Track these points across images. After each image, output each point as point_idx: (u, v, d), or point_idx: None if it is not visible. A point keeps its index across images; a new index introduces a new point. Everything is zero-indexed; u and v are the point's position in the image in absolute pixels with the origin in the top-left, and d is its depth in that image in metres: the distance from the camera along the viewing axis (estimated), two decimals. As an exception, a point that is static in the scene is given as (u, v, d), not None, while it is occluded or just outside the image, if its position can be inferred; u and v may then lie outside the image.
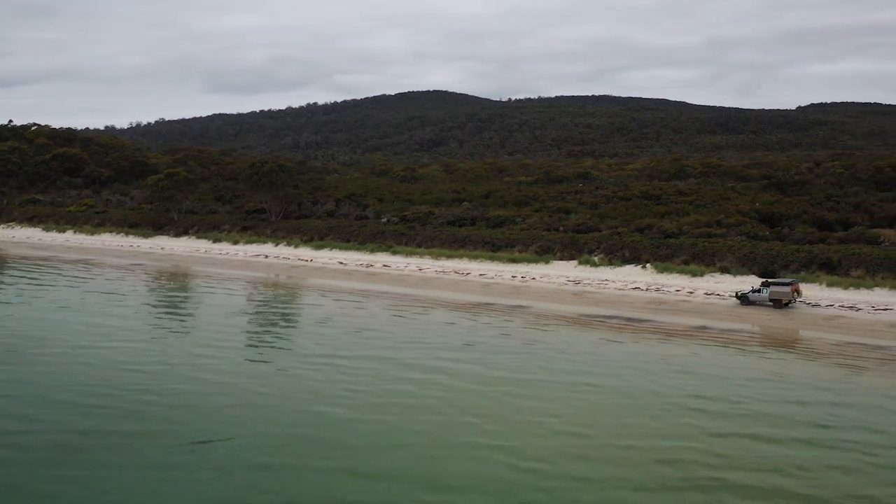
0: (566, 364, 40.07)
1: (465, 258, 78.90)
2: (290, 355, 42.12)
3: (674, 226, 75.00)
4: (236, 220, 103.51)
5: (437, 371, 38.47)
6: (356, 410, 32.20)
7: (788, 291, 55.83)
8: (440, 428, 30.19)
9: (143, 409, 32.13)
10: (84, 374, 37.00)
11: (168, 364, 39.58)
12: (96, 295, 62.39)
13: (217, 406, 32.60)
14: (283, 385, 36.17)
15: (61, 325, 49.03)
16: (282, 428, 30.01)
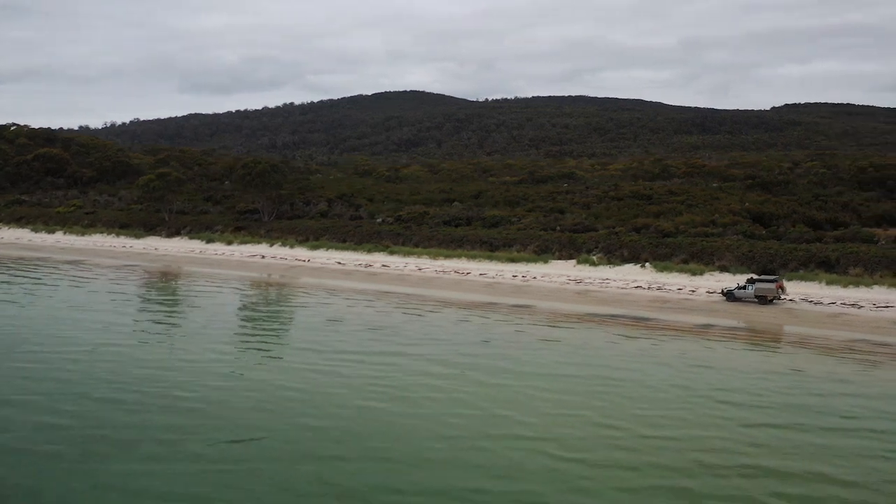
0: (588, 359, 40.94)
1: (464, 258, 79.68)
2: (313, 352, 42.53)
3: (670, 225, 76.17)
4: (229, 220, 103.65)
5: (462, 366, 39.24)
6: (391, 405, 32.86)
7: (773, 288, 57.63)
8: (478, 420, 30.91)
9: (179, 405, 32.53)
10: (114, 373, 37.33)
11: (195, 361, 40.06)
12: (103, 294, 62.58)
13: (253, 402, 33.11)
14: (314, 381, 36.68)
15: (79, 325, 49.25)
16: (321, 422, 30.57)
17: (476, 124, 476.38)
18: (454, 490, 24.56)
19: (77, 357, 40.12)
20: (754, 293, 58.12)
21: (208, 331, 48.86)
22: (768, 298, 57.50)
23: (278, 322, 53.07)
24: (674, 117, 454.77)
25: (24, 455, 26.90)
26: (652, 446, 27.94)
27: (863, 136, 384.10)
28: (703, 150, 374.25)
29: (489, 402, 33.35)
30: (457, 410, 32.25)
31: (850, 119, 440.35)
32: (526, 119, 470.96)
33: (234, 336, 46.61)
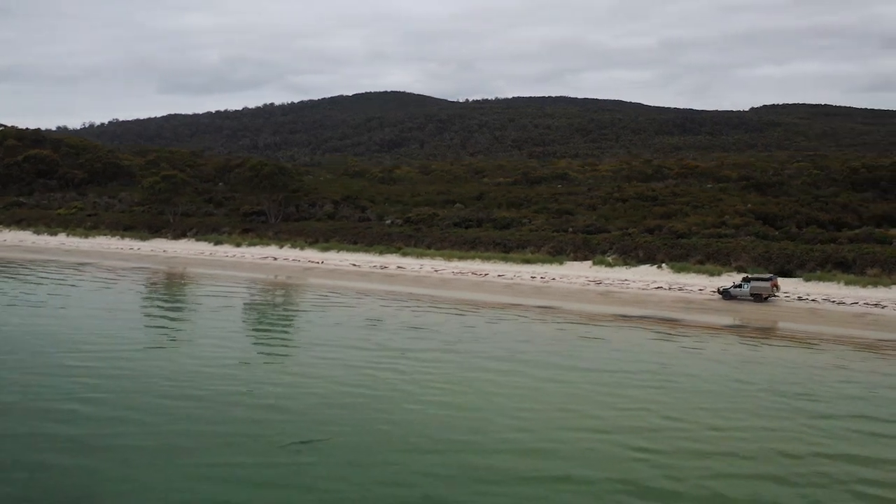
0: (636, 357, 41.99)
1: (478, 259, 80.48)
2: (365, 350, 43.23)
3: (683, 227, 77.35)
4: (235, 222, 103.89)
5: (515, 363, 40.29)
6: (460, 399, 33.88)
7: (768, 286, 60.33)
8: (549, 414, 31.92)
9: (236, 409, 32.96)
10: (167, 377, 37.50)
11: (245, 363, 40.64)
12: (132, 295, 63.27)
13: (323, 401, 33.73)
14: (376, 378, 37.38)
15: (120, 328, 49.57)
16: (395, 416, 31.37)
17: (458, 125, 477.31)
18: (543, 477, 25.47)
19: (132, 362, 40.46)
20: (750, 291, 60.70)
21: (253, 331, 49.54)
22: (763, 296, 60.07)
23: (321, 322, 53.42)
24: (655, 118, 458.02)
25: (111, 450, 27.46)
26: (727, 437, 29.06)
27: (841, 136, 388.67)
28: (685, 151, 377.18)
29: (554, 396, 34.35)
30: (525, 405, 33.20)
31: (828, 120, 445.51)
32: (508, 120, 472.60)
33: (282, 336, 47.39)
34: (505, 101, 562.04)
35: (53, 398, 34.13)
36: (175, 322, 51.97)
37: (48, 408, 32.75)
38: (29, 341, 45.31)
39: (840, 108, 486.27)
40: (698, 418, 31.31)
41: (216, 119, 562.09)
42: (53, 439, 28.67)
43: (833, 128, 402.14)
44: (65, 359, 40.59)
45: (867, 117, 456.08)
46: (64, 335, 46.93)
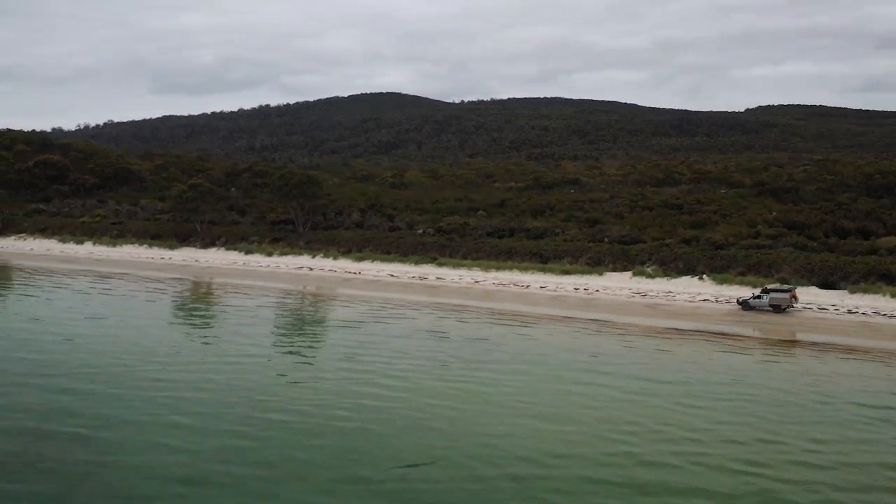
0: (711, 371, 43.33)
1: (515, 270, 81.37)
2: (442, 366, 44.34)
3: (720, 237, 78.31)
4: (263, 231, 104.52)
5: (594, 375, 42.10)
6: (548, 416, 35.04)
7: (787, 297, 62.39)
8: (651, 428, 33.27)
9: (343, 426, 33.78)
10: (248, 396, 38.29)
11: (328, 378, 41.60)
12: (188, 309, 63.68)
13: (417, 422, 34.38)
14: (465, 397, 38.38)
15: (192, 341, 50.67)
16: (496, 440, 32.05)
17: (455, 126, 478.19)
18: (664, 490, 26.69)
19: (211, 378, 41.30)
20: (769, 302, 62.71)
21: (325, 344, 50.43)
22: (782, 307, 61.95)
23: (388, 334, 54.26)
24: (651, 119, 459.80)
25: (207, 482, 27.97)
26: (830, 450, 30.32)
27: (838, 137, 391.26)
28: (682, 152, 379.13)
29: (647, 409, 35.84)
30: (624, 417, 34.60)
31: (823, 121, 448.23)
32: (505, 121, 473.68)
33: (355, 349, 48.17)
34: (500, 103, 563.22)
35: (158, 413, 35.25)
36: (242, 336, 52.73)
37: (160, 423, 33.84)
38: (109, 353, 46.49)
39: (835, 109, 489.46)
40: (795, 432, 32.54)
41: (212, 120, 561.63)
42: (175, 468, 29.40)
43: (829, 129, 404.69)
44: (153, 372, 41.58)
45: (862, 118, 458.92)
46: (140, 347, 48.08)
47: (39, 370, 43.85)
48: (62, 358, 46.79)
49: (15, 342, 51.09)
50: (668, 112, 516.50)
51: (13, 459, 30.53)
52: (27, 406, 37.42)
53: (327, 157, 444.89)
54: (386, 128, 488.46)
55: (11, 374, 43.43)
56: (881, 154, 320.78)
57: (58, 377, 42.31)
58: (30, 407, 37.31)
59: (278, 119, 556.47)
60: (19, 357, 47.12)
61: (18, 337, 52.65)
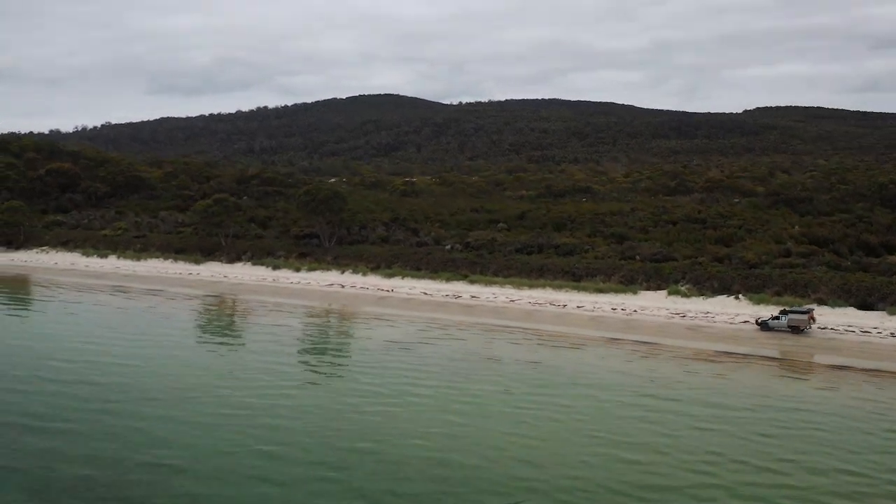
0: (777, 401, 44.61)
1: (548, 288, 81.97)
2: (502, 392, 45.94)
3: (753, 256, 79.08)
4: (288, 245, 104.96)
5: (661, 402, 43.94)
6: (627, 450, 36.40)
7: (805, 319, 63.70)
8: (725, 465, 34.51)
9: (411, 460, 34.96)
10: (325, 424, 39.67)
11: (393, 405, 43.03)
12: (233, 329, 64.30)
13: (490, 456, 35.55)
14: (538, 425, 39.78)
15: (250, 365, 51.80)
16: (575, 480, 33.06)
17: (454, 129, 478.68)
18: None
19: (290, 393, 42.17)
20: (787, 323, 64.06)
21: (385, 371, 51.29)
22: (800, 328, 63.30)
23: (440, 355, 55.43)
24: (650, 121, 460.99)
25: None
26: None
27: (837, 139, 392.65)
28: (683, 155, 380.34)
29: (722, 446, 36.95)
30: (703, 457, 35.67)
31: (821, 123, 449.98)
32: (504, 123, 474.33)
33: (417, 376, 49.47)
34: (498, 104, 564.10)
35: (241, 441, 36.79)
36: (296, 357, 54.18)
37: (247, 452, 34.99)
38: (176, 376, 47.83)
39: (833, 111, 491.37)
40: (872, 462, 34.67)
41: (210, 122, 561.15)
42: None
43: (828, 131, 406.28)
44: (227, 396, 42.50)
45: (860, 120, 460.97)
46: (204, 369, 49.66)
47: (111, 395, 45.00)
48: (129, 382, 48.17)
49: (80, 364, 52.26)
50: (666, 114, 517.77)
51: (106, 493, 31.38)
52: (108, 432, 38.44)
53: (327, 160, 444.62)
54: (385, 130, 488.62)
55: (82, 399, 44.44)
56: (881, 156, 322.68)
57: (131, 402, 43.70)
58: (112, 433, 38.36)
59: (276, 121, 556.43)
60: (89, 381, 48.15)
61: (81, 359, 53.87)
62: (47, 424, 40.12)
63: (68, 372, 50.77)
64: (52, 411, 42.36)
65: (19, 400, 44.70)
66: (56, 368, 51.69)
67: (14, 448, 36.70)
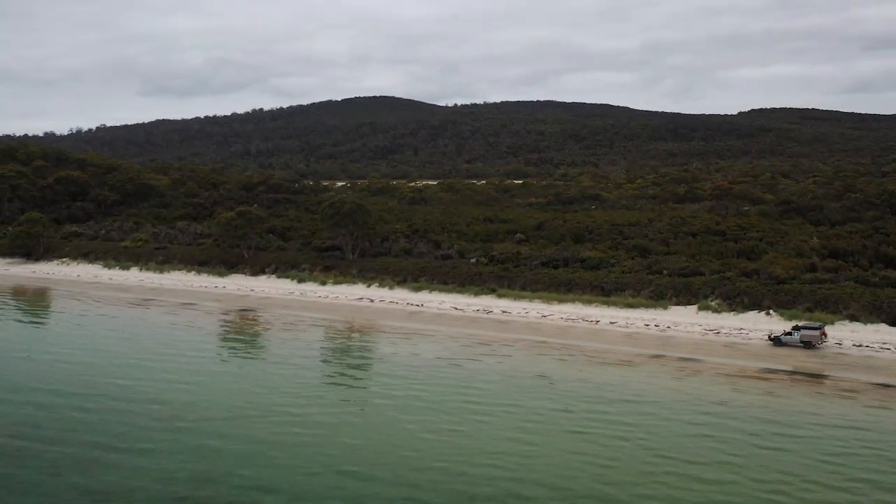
0: (831, 419, 46.74)
1: (578, 303, 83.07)
2: (561, 413, 47.77)
3: (781, 271, 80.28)
4: (311, 257, 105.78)
5: (720, 418, 45.99)
6: (700, 471, 37.31)
7: (818, 335, 65.87)
8: (796, 484, 36.37)
9: (490, 485, 36.31)
10: (392, 443, 41.16)
11: (460, 424, 44.93)
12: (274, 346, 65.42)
13: (569, 475, 37.51)
14: (604, 447, 41.27)
15: (307, 383, 53.23)
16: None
17: (451, 131, 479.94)
18: None
19: (354, 412, 43.30)
20: (800, 339, 66.29)
21: (442, 389, 53.31)
22: (813, 344, 65.33)
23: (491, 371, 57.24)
24: (646, 123, 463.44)
25: None
26: None
27: (833, 142, 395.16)
28: (680, 157, 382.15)
29: (789, 468, 38.81)
30: (776, 476, 37.64)
31: (817, 125, 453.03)
32: (501, 126, 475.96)
33: (475, 395, 51.57)
34: (494, 106, 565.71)
35: (317, 462, 38.69)
36: (347, 375, 56.00)
37: (329, 471, 36.46)
38: (240, 392, 49.33)
39: (827, 113, 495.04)
40: None
41: (205, 124, 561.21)
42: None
43: (823, 133, 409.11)
44: (298, 415, 43.88)
45: (855, 122, 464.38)
46: (265, 388, 51.58)
47: (183, 413, 46.68)
48: (197, 399, 50.05)
49: (144, 382, 53.86)
50: (662, 115, 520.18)
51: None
52: (191, 451, 40.02)
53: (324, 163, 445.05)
54: (381, 132, 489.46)
55: (157, 418, 45.82)
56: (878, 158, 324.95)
57: (205, 421, 45.42)
58: (194, 452, 39.99)
59: (272, 123, 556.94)
60: (158, 400, 49.61)
61: (143, 376, 55.60)
62: (131, 445, 41.62)
63: (134, 390, 52.42)
64: (131, 430, 44.13)
65: (96, 419, 46.18)
66: (122, 386, 53.38)
67: (105, 465, 37.97)
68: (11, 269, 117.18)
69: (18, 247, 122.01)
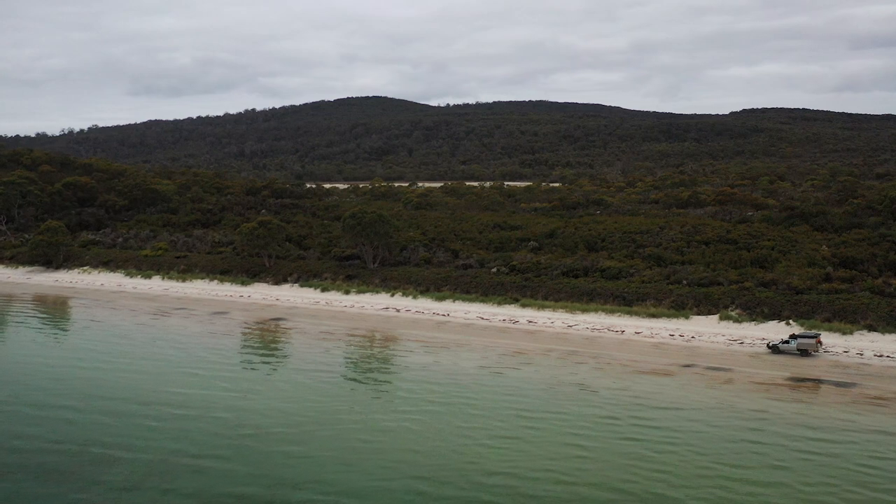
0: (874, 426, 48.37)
1: (601, 312, 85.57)
2: (612, 422, 50.65)
3: (798, 281, 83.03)
4: (332, 266, 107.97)
5: (768, 424, 47.26)
6: (752, 478, 40.22)
7: (813, 343, 70.07)
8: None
9: (553, 490, 38.94)
10: (449, 451, 42.89)
11: (517, 432, 46.44)
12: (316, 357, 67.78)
13: (632, 488, 39.41)
14: (660, 462, 43.44)
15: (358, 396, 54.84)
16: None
17: (444, 132, 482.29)
18: None
19: (408, 419, 45.63)
20: (796, 347, 70.35)
21: (491, 394, 55.86)
22: (809, 352, 69.55)
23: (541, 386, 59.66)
24: (639, 124, 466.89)
25: None
26: None
27: (824, 142, 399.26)
28: (673, 158, 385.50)
29: (847, 478, 41.06)
30: (847, 486, 39.98)
31: (807, 125, 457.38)
32: (494, 126, 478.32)
33: (524, 403, 54.93)
34: (486, 106, 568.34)
35: (401, 469, 41.26)
36: (396, 385, 58.37)
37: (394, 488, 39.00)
38: (305, 403, 51.41)
39: (818, 113, 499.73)
40: None
41: (198, 125, 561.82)
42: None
43: (815, 133, 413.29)
44: (368, 420, 46.00)
45: (846, 122, 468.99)
46: (317, 400, 53.76)
47: (252, 420, 49.11)
48: (260, 408, 52.41)
49: (205, 392, 56.17)
50: (653, 115, 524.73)
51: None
52: (264, 460, 42.51)
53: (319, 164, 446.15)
54: (375, 133, 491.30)
55: (220, 425, 48.30)
56: (869, 159, 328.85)
57: (269, 429, 48.45)
58: (267, 461, 42.48)
59: (265, 124, 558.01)
60: (225, 408, 52.05)
61: (201, 385, 57.87)
62: (207, 451, 44.82)
63: (195, 398, 55.39)
64: (204, 438, 47.19)
65: (168, 427, 48.74)
66: (184, 395, 56.43)
67: (189, 471, 40.39)
68: (33, 277, 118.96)
69: (38, 255, 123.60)
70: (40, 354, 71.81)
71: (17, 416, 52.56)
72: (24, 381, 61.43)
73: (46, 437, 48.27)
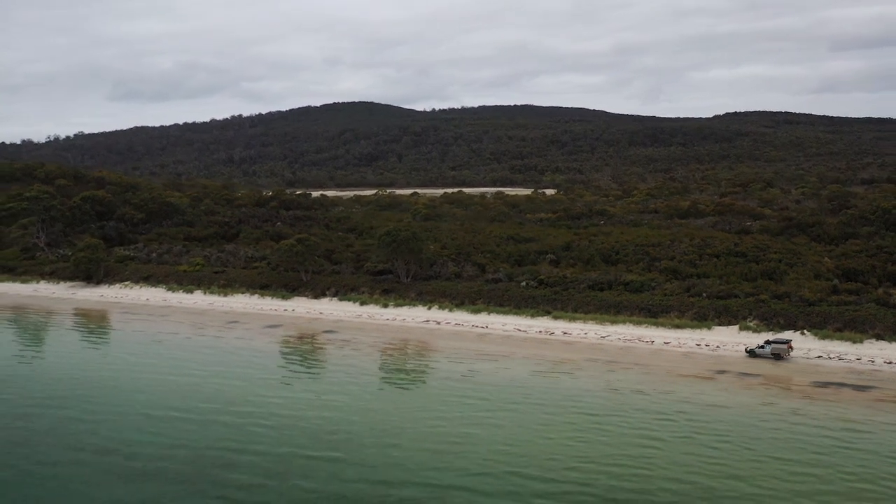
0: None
1: (628, 323, 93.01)
2: (665, 421, 57.49)
3: (810, 293, 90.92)
4: (367, 281, 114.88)
5: (823, 428, 56.06)
6: (803, 467, 47.35)
7: (785, 347, 78.64)
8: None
9: (627, 484, 46.04)
10: (510, 459, 50.17)
11: (589, 433, 53.99)
12: (398, 369, 74.74)
13: (707, 483, 46.60)
14: (729, 446, 50.46)
15: (447, 399, 61.89)
16: None
17: (433, 137, 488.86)
18: None
19: (468, 425, 52.90)
20: (770, 351, 79.14)
21: (556, 399, 62.78)
22: (781, 356, 77.90)
23: (600, 392, 66.23)
24: (626, 128, 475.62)
25: None
26: None
27: (808, 146, 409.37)
28: (661, 163, 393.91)
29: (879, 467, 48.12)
30: (857, 470, 47.72)
31: (791, 128, 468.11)
32: (482, 131, 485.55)
33: (589, 405, 62.25)
34: (472, 111, 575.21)
35: (497, 466, 47.59)
36: (468, 391, 65.00)
37: None
38: (397, 413, 58.15)
39: (801, 116, 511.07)
40: None
41: (185, 131, 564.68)
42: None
43: (798, 137, 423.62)
44: (449, 427, 53.08)
45: (828, 125, 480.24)
46: (423, 406, 59.95)
47: (342, 427, 56.97)
48: (348, 417, 59.50)
49: (293, 400, 62.85)
50: (638, 119, 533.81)
51: None
52: (368, 462, 49.88)
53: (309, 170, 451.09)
54: (364, 139, 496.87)
55: (322, 430, 56.33)
56: (852, 162, 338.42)
57: (367, 431, 56.65)
58: (369, 463, 49.96)
59: (252, 130, 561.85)
60: (312, 416, 59.20)
61: (283, 394, 63.98)
62: (321, 453, 52.26)
63: (289, 406, 63.52)
64: (311, 442, 54.79)
65: (274, 434, 55.85)
66: (279, 404, 63.97)
67: (306, 471, 47.28)
68: (78, 292, 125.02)
69: (80, 271, 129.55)
70: (136, 365, 78.60)
71: (132, 423, 59.31)
72: (129, 389, 68.17)
73: (162, 442, 54.88)
